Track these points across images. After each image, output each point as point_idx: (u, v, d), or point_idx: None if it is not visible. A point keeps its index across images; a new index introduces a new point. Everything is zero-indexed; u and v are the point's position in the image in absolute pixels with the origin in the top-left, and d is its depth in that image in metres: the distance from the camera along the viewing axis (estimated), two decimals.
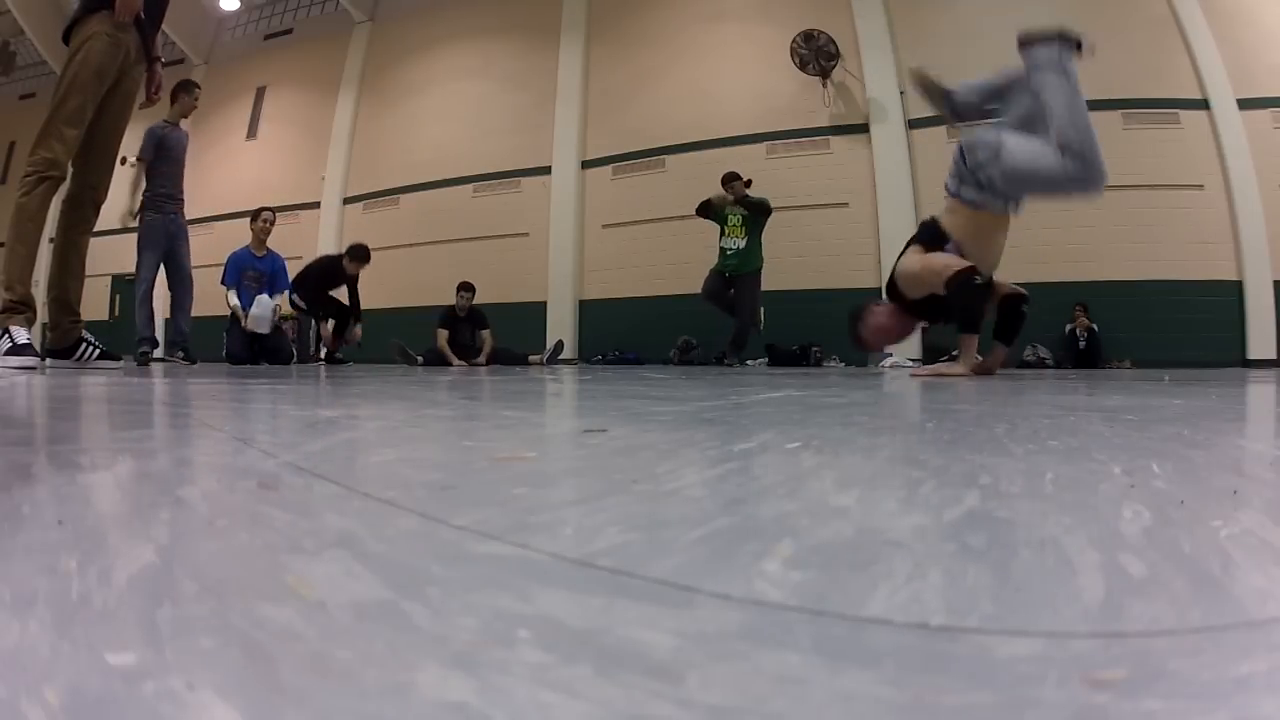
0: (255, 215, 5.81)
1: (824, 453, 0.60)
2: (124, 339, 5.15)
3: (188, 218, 4.89)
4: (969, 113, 3.60)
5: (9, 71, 13.77)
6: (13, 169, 12.96)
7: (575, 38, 10.35)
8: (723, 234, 6.58)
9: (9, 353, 2.79)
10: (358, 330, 6.40)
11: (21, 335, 2.84)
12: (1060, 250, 7.82)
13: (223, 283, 5.55)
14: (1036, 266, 7.88)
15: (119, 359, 3.57)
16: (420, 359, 6.78)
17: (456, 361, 6.78)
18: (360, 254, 6.50)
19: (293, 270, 6.07)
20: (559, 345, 7.82)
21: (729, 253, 6.52)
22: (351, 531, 0.32)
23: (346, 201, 11.73)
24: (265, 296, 5.57)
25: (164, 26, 3.17)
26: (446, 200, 10.83)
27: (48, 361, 3.20)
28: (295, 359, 5.71)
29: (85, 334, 3.51)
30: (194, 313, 4.90)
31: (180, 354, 4.58)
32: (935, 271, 3.15)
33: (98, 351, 3.42)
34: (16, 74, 14.14)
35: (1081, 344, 7.45)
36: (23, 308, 2.93)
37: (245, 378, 2.35)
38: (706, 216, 6.61)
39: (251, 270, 5.58)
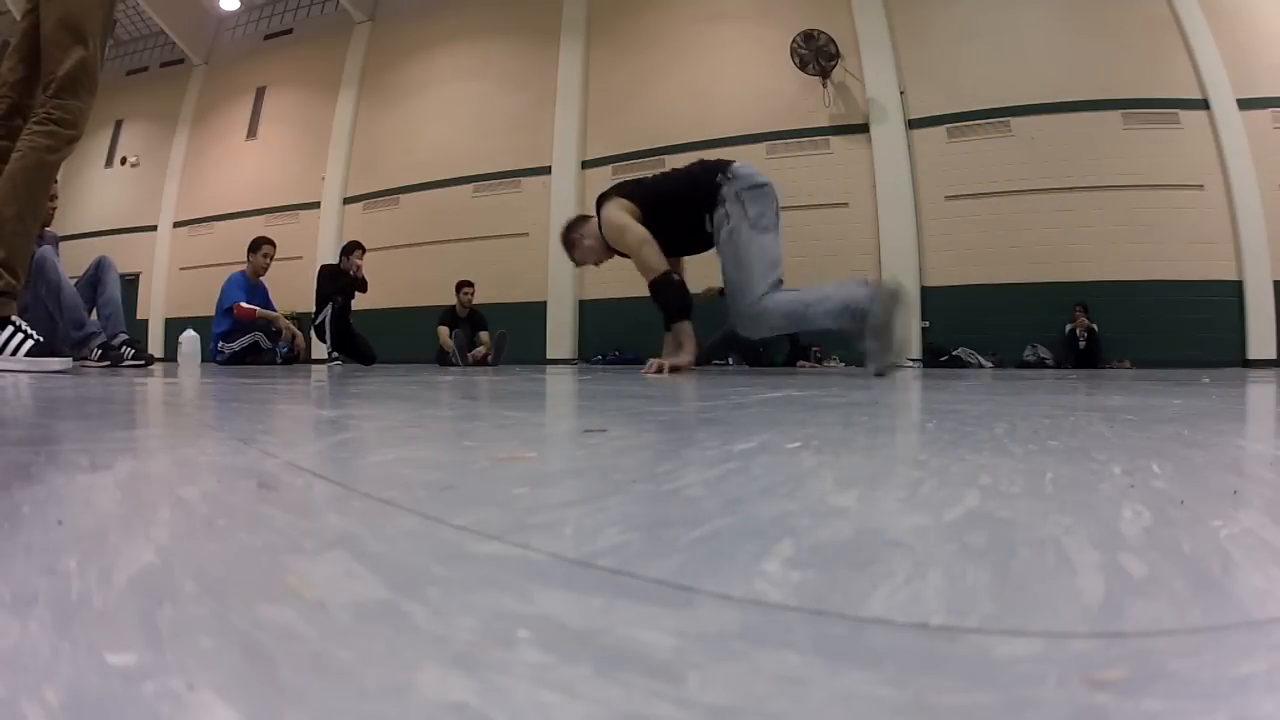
0: (256, 247, 5.57)
1: (824, 453, 0.60)
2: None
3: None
4: None
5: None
6: None
7: (575, 38, 10.35)
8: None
9: (33, 352, 2.45)
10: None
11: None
12: (1060, 250, 7.83)
13: (234, 304, 5.28)
14: (1036, 266, 7.91)
15: (131, 359, 3.55)
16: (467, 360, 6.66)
17: (470, 358, 6.74)
18: (351, 247, 6.26)
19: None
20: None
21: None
22: (351, 531, 0.32)
23: (346, 201, 11.74)
24: (191, 333, 5.49)
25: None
26: (446, 200, 10.84)
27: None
28: (296, 359, 5.68)
29: (92, 328, 3.51)
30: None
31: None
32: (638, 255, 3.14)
33: (99, 351, 3.42)
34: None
35: (1081, 344, 7.46)
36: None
37: (245, 378, 2.35)
38: None
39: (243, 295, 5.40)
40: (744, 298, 2.97)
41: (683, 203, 3.17)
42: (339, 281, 6.09)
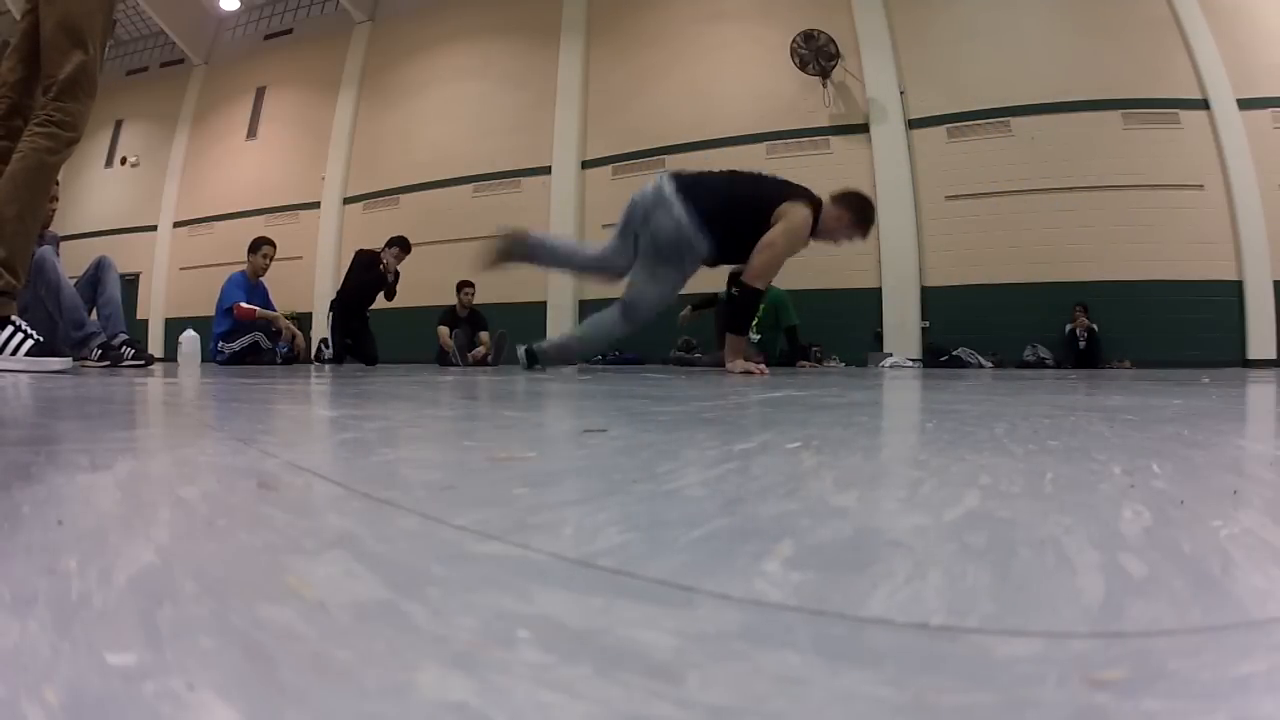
0: (256, 247, 5.54)
1: (824, 453, 0.60)
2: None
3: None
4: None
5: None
6: None
7: (575, 38, 10.34)
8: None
9: (33, 352, 2.43)
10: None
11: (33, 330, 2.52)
12: (1060, 250, 7.82)
13: (234, 304, 5.24)
14: (1036, 266, 7.90)
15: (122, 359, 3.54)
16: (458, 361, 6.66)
17: (470, 359, 6.74)
18: (394, 242, 6.21)
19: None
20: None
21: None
22: (351, 531, 0.32)
23: (346, 201, 11.73)
24: (191, 333, 5.51)
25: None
26: (446, 200, 10.83)
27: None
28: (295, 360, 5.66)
29: (92, 328, 3.50)
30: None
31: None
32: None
33: (99, 351, 3.42)
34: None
35: (1081, 344, 7.45)
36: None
37: (245, 378, 2.35)
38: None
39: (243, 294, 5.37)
40: None
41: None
42: (370, 273, 6.05)
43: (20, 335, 2.43)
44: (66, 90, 2.43)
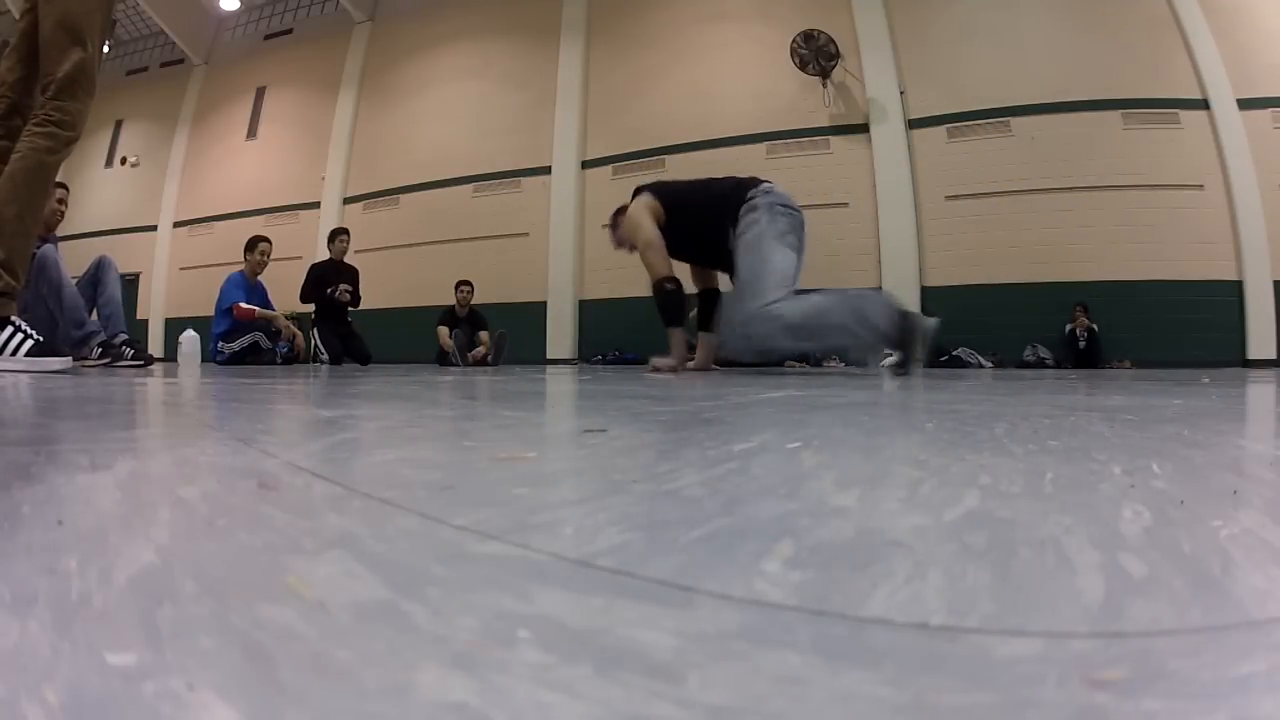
0: (252, 245, 5.58)
1: (824, 453, 0.60)
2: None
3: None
4: None
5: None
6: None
7: (575, 38, 10.34)
8: None
9: (33, 352, 2.45)
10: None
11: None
12: (1060, 250, 7.82)
13: (234, 305, 5.30)
14: (1036, 266, 7.90)
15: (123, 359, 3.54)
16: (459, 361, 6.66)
17: (470, 358, 6.74)
18: (336, 233, 6.40)
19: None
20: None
21: None
22: (351, 531, 0.32)
23: (346, 201, 11.72)
24: (191, 333, 5.53)
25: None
26: (446, 200, 10.83)
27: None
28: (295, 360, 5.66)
29: (92, 328, 3.51)
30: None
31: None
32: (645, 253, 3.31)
33: (100, 350, 3.42)
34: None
35: (1081, 344, 7.45)
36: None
37: (244, 379, 2.35)
38: None
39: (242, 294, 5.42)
40: (754, 299, 2.98)
41: (707, 212, 3.22)
42: (320, 291, 6.03)
43: (20, 335, 2.43)
44: (65, 89, 2.43)
